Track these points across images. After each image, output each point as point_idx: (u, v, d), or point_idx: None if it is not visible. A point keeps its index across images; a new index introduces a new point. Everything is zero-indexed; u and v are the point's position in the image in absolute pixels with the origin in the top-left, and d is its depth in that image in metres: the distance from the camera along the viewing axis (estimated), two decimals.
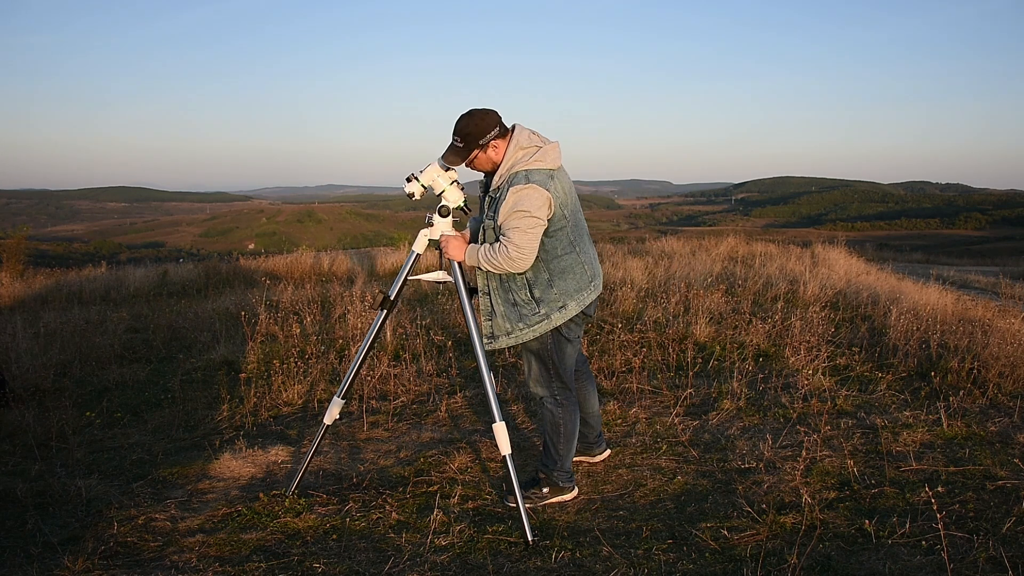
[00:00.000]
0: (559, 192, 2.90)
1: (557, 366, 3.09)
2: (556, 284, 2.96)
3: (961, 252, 28.42)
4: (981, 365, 4.66)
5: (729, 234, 13.64)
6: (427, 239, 3.10)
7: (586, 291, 3.02)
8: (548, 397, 3.15)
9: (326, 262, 11.16)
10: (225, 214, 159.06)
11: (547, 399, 3.15)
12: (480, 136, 2.88)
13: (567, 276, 2.97)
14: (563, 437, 3.17)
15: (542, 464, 3.25)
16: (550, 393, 3.14)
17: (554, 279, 2.95)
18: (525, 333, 2.99)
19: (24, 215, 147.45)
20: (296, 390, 4.77)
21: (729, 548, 2.77)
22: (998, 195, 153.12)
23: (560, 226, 2.93)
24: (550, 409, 3.15)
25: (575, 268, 2.99)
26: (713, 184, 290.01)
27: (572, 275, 2.98)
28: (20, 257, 12.50)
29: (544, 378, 3.12)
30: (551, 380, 3.12)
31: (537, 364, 3.11)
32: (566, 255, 2.96)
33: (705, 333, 5.71)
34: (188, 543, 2.93)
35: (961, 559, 2.61)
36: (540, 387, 3.15)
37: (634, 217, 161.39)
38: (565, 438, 3.17)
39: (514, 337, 3.01)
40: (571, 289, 2.98)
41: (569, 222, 2.97)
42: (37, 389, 4.99)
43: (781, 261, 10.22)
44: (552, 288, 2.95)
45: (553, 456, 3.20)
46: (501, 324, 3.02)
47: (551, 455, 3.20)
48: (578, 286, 3.00)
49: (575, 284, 2.99)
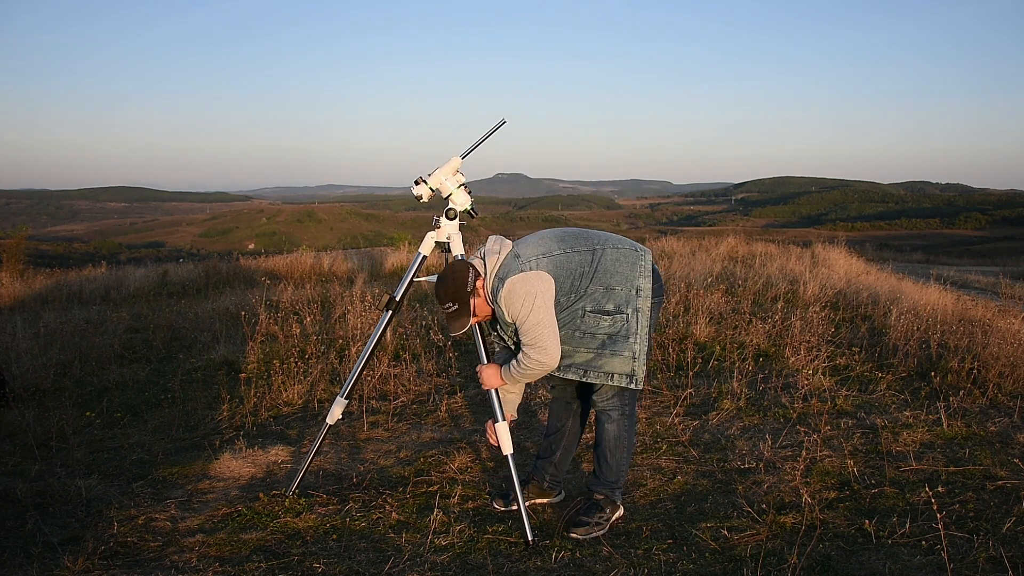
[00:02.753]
0: (528, 252, 2.76)
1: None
2: (615, 283, 2.77)
3: (961, 252, 28.43)
4: (981, 365, 4.66)
5: (729, 234, 13.65)
6: (434, 241, 3.09)
7: (641, 260, 2.82)
8: (618, 408, 2.94)
9: (326, 262, 11.16)
10: (225, 214, 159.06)
11: (615, 411, 2.94)
12: (465, 286, 2.74)
13: (612, 269, 2.79)
14: (627, 452, 3.00)
15: (601, 484, 3.03)
16: (620, 403, 2.93)
17: (609, 283, 2.77)
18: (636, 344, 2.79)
19: (24, 215, 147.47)
20: (296, 390, 4.77)
21: (729, 548, 2.77)
22: (998, 195, 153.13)
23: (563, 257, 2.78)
24: (616, 422, 2.94)
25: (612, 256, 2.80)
26: (713, 184, 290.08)
27: (616, 261, 2.79)
28: (20, 257, 12.51)
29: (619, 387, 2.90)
30: (624, 389, 2.90)
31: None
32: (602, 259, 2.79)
33: (705, 333, 5.71)
34: (188, 543, 2.93)
35: (961, 559, 2.61)
36: (611, 398, 2.92)
37: (634, 217, 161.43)
38: (629, 452, 3.02)
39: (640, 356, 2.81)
40: (628, 272, 2.79)
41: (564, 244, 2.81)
42: (37, 389, 4.99)
43: (781, 261, 10.22)
44: (615, 289, 2.78)
45: (613, 474, 3.00)
46: (619, 363, 2.80)
47: (612, 472, 3.00)
48: (630, 261, 2.80)
49: (627, 262, 2.80)
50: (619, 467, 3.01)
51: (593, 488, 3.06)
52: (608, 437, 2.98)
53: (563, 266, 2.76)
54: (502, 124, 3.02)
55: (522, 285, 2.69)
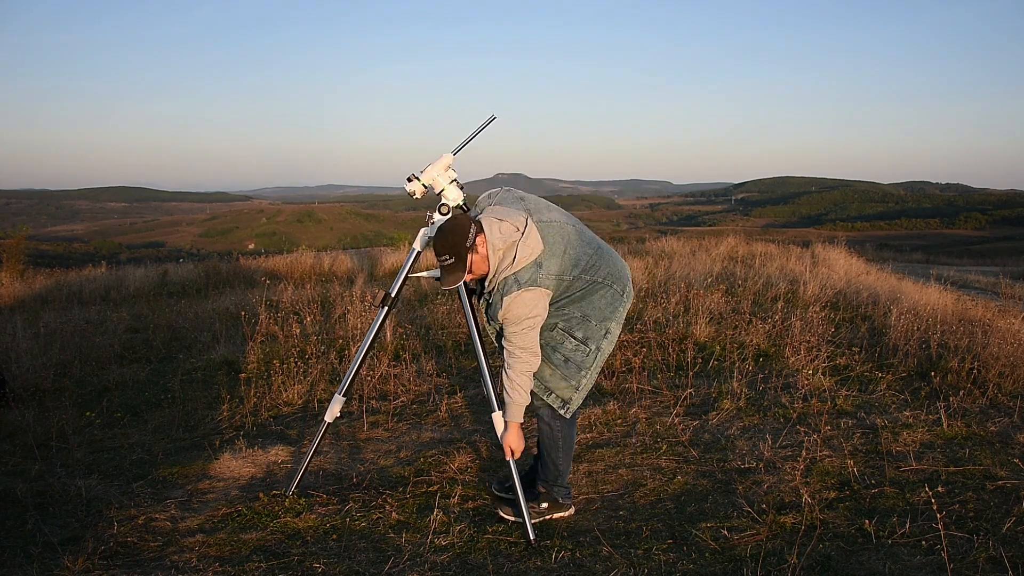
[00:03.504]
0: (551, 268, 2.79)
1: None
2: (591, 316, 2.87)
3: (961, 252, 28.42)
4: (981, 365, 4.66)
5: (729, 234, 13.65)
6: (428, 237, 3.12)
7: (621, 307, 2.93)
8: (547, 410, 3.00)
9: (326, 262, 11.17)
10: (225, 214, 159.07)
11: (545, 412, 3.01)
12: (464, 241, 2.74)
13: (595, 304, 2.88)
14: (562, 451, 3.05)
15: (541, 478, 3.12)
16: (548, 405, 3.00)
17: (587, 313, 2.87)
18: (584, 378, 2.90)
19: (24, 215, 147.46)
20: (296, 390, 4.77)
21: (729, 548, 2.77)
22: (998, 195, 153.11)
23: (568, 283, 2.84)
24: (548, 422, 3.02)
25: (600, 293, 2.89)
26: (713, 184, 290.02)
27: (601, 300, 2.89)
28: (20, 257, 12.50)
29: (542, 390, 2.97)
30: (550, 392, 2.98)
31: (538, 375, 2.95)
32: (587, 291, 2.87)
33: (705, 333, 5.71)
34: (188, 543, 2.93)
35: (961, 559, 2.61)
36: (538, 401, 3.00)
37: (634, 217, 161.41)
38: (564, 451, 3.06)
39: (583, 388, 2.92)
40: (606, 315, 2.89)
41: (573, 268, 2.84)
42: (37, 389, 4.99)
43: (781, 261, 10.22)
44: (591, 322, 2.87)
45: (549, 472, 3.08)
46: (566, 386, 2.91)
47: (548, 471, 3.08)
48: (612, 305, 2.90)
49: (609, 305, 2.90)
50: (555, 464, 3.06)
51: (538, 480, 3.14)
52: (542, 436, 3.06)
53: (565, 290, 2.85)
54: (492, 120, 3.05)
55: (533, 299, 2.77)
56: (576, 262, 2.85)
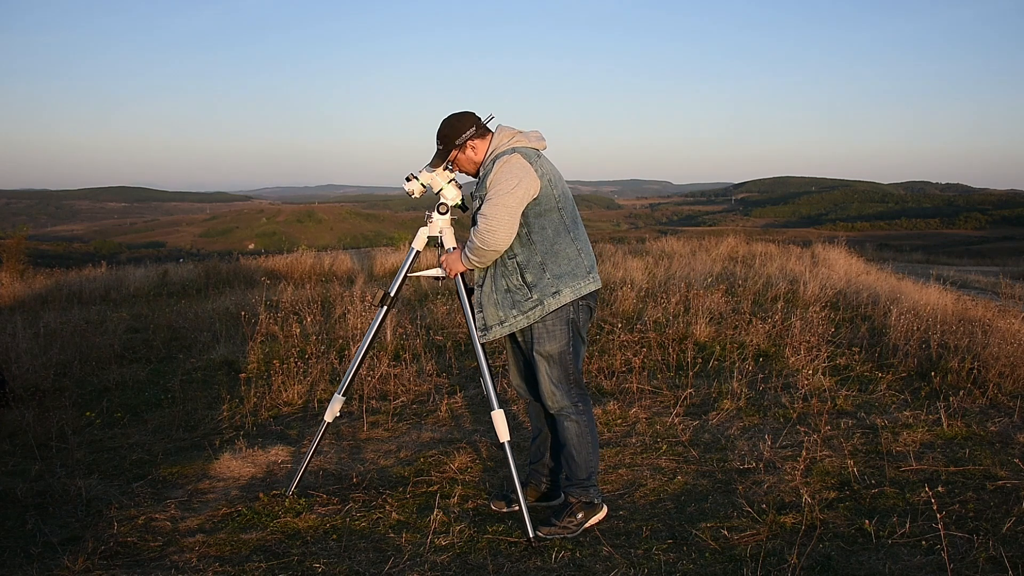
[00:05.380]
0: (546, 170, 2.89)
1: (575, 367, 2.94)
2: (549, 268, 2.85)
3: (961, 252, 28.40)
4: (981, 365, 4.66)
5: (729, 234, 13.66)
6: (426, 236, 3.14)
7: (583, 280, 2.90)
8: (569, 407, 2.93)
9: (326, 262, 11.17)
10: (225, 214, 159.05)
11: (568, 409, 2.93)
12: (456, 136, 2.93)
13: (560, 260, 2.87)
14: (592, 447, 2.97)
15: (572, 487, 3.00)
16: (571, 402, 2.93)
17: (547, 263, 2.85)
18: (518, 320, 2.87)
19: (24, 215, 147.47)
20: (296, 390, 4.77)
21: (729, 548, 2.77)
22: (998, 195, 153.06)
23: (550, 206, 2.87)
24: (574, 420, 2.93)
25: (569, 252, 2.89)
26: (713, 184, 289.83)
27: (566, 259, 2.88)
28: (20, 257, 12.50)
29: (563, 385, 2.92)
30: (570, 387, 2.93)
31: (556, 371, 2.91)
32: (559, 238, 2.87)
33: (705, 333, 5.71)
34: (188, 543, 2.93)
35: (961, 559, 2.61)
36: (559, 399, 2.92)
37: (634, 217, 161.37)
38: (594, 447, 2.98)
39: (508, 325, 2.89)
40: (564, 274, 2.86)
41: (559, 203, 2.90)
42: (37, 389, 4.99)
43: (781, 261, 10.22)
44: (545, 272, 2.85)
45: (583, 472, 2.97)
46: (494, 313, 2.91)
47: (582, 471, 2.97)
48: (572, 272, 2.88)
49: (569, 269, 2.88)
50: (588, 464, 2.98)
51: (566, 491, 3.04)
52: (570, 435, 2.95)
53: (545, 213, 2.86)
54: (490, 119, 3.06)
55: (521, 168, 2.80)
56: (564, 196, 2.95)
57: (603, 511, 3.03)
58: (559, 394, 2.92)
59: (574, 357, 2.94)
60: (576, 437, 2.95)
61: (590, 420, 2.98)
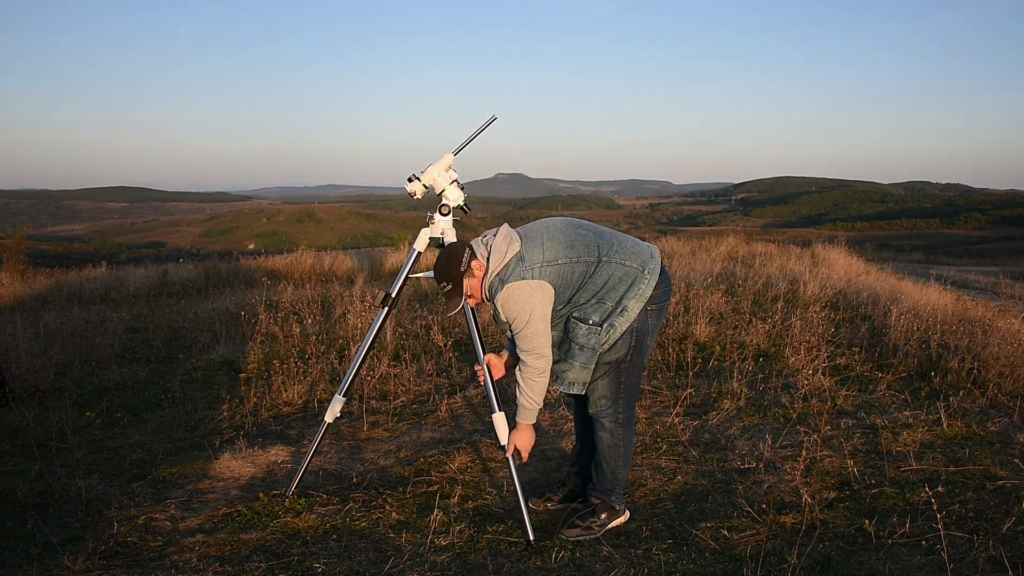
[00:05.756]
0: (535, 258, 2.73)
1: (631, 379, 2.88)
2: (606, 298, 2.76)
3: (961, 252, 28.40)
4: (981, 365, 4.66)
5: (729, 234, 13.65)
6: (428, 237, 3.12)
7: (641, 284, 2.77)
8: (609, 416, 2.90)
9: (326, 262, 11.16)
10: (225, 214, 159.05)
11: (607, 418, 2.90)
12: (457, 266, 2.77)
13: (610, 283, 2.76)
14: (623, 459, 2.96)
15: (597, 490, 3.02)
16: (613, 411, 2.89)
17: (601, 295, 2.76)
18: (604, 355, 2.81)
19: (24, 215, 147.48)
20: (296, 390, 4.77)
21: (729, 548, 2.77)
22: (998, 195, 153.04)
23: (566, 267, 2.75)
24: (609, 430, 2.91)
25: (612, 272, 2.77)
26: (713, 184, 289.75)
27: (615, 279, 2.77)
28: (20, 257, 12.49)
29: (611, 394, 2.87)
30: (618, 397, 2.88)
31: (610, 379, 2.85)
32: (597, 273, 2.76)
33: (705, 333, 5.71)
34: (188, 543, 2.93)
35: (961, 559, 2.61)
36: (603, 405, 2.89)
37: (634, 217, 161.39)
38: (625, 460, 2.97)
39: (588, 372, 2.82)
40: (623, 290, 2.76)
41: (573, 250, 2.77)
42: (37, 389, 4.99)
43: (781, 261, 10.22)
44: (604, 303, 2.76)
45: (608, 481, 2.98)
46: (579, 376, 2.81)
47: (607, 479, 2.98)
48: (625, 281, 2.77)
49: (621, 282, 2.77)
50: (614, 474, 2.97)
51: (591, 493, 3.06)
52: (602, 444, 2.94)
53: (566, 276, 2.74)
54: (493, 120, 3.05)
55: (520, 293, 2.68)
56: (571, 244, 2.77)
57: (625, 515, 3.05)
58: (604, 402, 2.89)
59: (630, 369, 2.87)
60: (608, 448, 2.94)
61: (627, 436, 2.95)
